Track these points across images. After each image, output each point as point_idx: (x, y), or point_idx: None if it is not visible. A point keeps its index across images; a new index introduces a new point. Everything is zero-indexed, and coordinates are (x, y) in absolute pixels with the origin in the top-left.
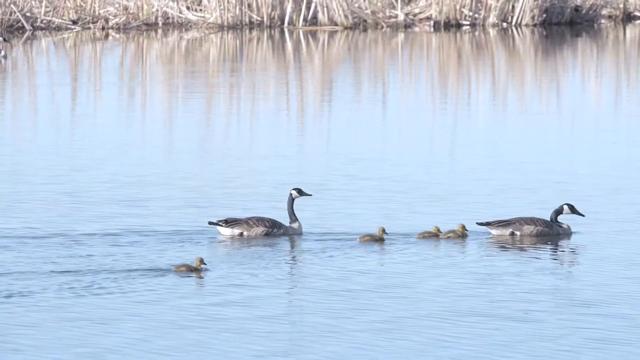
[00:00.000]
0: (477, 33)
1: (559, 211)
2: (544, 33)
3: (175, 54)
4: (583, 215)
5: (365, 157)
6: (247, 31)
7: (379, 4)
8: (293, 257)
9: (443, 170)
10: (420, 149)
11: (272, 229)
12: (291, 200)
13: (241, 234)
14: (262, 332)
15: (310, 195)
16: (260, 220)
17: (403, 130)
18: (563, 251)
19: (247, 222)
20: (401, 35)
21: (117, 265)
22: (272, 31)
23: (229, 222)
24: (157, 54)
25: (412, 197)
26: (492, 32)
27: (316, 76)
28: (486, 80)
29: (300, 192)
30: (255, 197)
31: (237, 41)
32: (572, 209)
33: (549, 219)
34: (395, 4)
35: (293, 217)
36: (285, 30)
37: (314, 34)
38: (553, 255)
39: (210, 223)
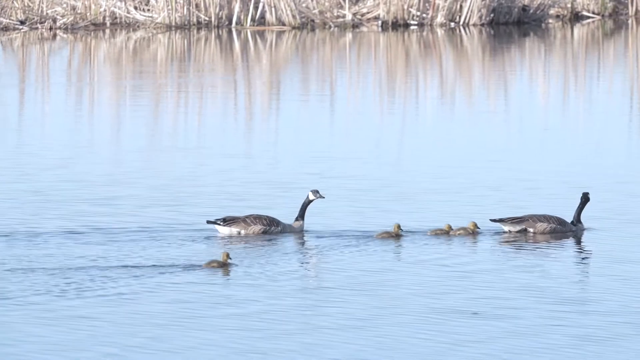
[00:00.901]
0: (424, 33)
1: (584, 202)
2: (492, 33)
3: (123, 54)
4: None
5: (324, 157)
6: (195, 31)
7: (326, 3)
8: (277, 256)
9: (402, 168)
10: (375, 148)
11: (270, 227)
12: (307, 200)
13: (239, 233)
14: (241, 329)
15: (323, 197)
16: (257, 219)
17: (354, 129)
18: (558, 249)
19: (244, 220)
20: (349, 35)
21: (96, 263)
22: (220, 31)
23: (227, 221)
24: (105, 54)
25: (380, 195)
26: (440, 31)
27: (264, 76)
28: (434, 80)
29: (316, 194)
30: (224, 195)
31: (185, 41)
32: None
33: (572, 219)
34: (342, 3)
35: (300, 215)
36: (233, 30)
37: (261, 34)
38: (544, 252)
39: (208, 222)
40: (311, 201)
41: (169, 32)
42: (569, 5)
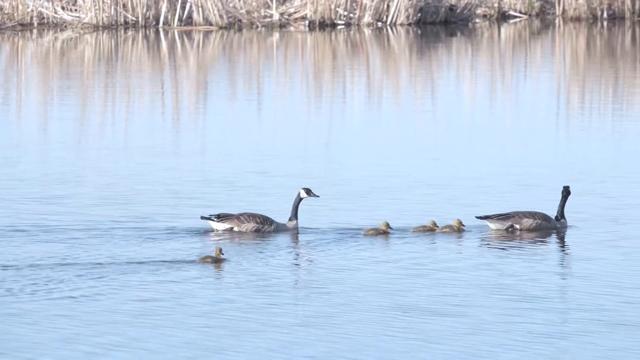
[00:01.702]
0: (352, 32)
1: (566, 196)
2: (419, 32)
3: (50, 55)
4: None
5: (260, 155)
6: (122, 31)
7: (253, 3)
8: (267, 253)
9: (342, 167)
10: (308, 148)
11: (263, 226)
12: (298, 199)
13: (231, 229)
14: (197, 326)
15: (318, 196)
16: (251, 217)
17: (285, 129)
18: (532, 247)
19: (238, 217)
20: (276, 35)
21: (50, 261)
22: (147, 31)
23: (221, 217)
24: (33, 55)
25: (326, 193)
26: (367, 31)
27: (192, 76)
28: (362, 80)
29: (309, 193)
30: (169, 194)
31: (113, 41)
32: None
33: (555, 214)
34: (270, 3)
35: (293, 214)
36: (161, 30)
37: (189, 34)
38: (517, 251)
39: (202, 217)
40: (302, 199)
41: (97, 32)
42: (495, 5)
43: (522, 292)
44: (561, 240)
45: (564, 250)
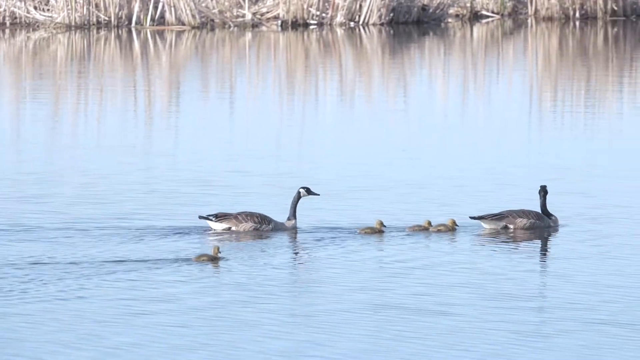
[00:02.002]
0: (324, 32)
1: (544, 196)
2: (392, 32)
3: (23, 55)
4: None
5: (235, 155)
6: (95, 31)
7: (226, 3)
8: (263, 251)
9: (319, 166)
10: (284, 147)
11: (261, 225)
12: (297, 197)
13: (229, 229)
14: (195, 326)
15: (318, 195)
16: (249, 216)
17: (259, 129)
18: (505, 246)
19: (236, 217)
20: (249, 35)
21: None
22: (120, 31)
23: (219, 217)
24: (5, 54)
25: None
26: (340, 31)
27: (164, 76)
28: (334, 80)
29: (309, 192)
30: (151, 193)
31: (85, 41)
32: None
33: (540, 211)
34: (242, 3)
35: (292, 214)
36: (133, 30)
37: (161, 34)
38: (500, 251)
39: (200, 217)
40: (300, 198)
41: (69, 32)
42: (468, 5)
43: (512, 292)
44: (553, 239)
45: (557, 250)
